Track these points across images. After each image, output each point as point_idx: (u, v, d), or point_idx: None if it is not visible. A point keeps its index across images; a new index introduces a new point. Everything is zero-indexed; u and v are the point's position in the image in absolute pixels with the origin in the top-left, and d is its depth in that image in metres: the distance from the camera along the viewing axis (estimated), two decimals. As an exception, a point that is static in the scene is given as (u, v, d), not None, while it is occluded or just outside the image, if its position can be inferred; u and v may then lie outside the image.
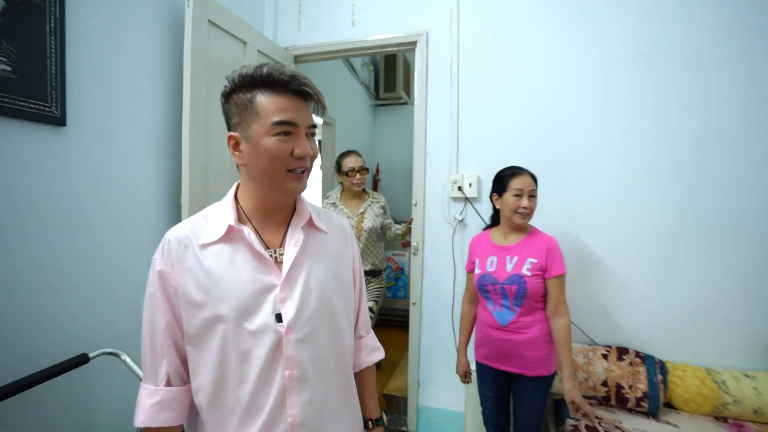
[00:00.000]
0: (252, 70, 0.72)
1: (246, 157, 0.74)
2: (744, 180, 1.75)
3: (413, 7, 2.13)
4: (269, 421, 0.73)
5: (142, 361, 0.76)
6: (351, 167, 2.25)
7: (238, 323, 0.72)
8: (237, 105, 0.74)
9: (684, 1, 1.79)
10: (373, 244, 2.34)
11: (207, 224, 0.78)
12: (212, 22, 1.70)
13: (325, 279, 0.81)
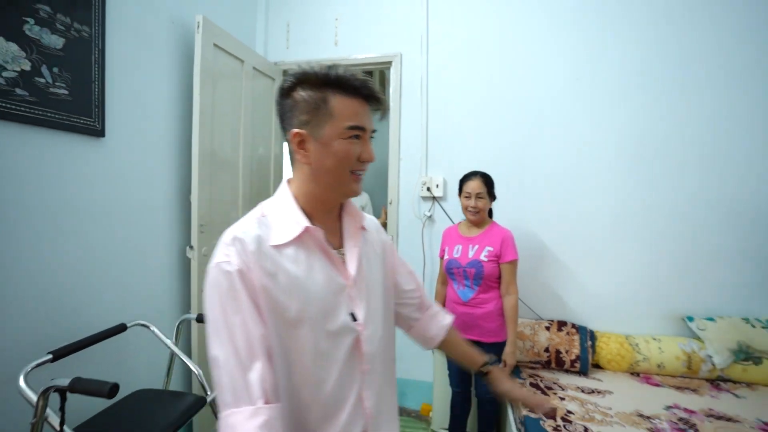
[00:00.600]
0: (326, 70, 0.72)
1: (312, 156, 0.74)
2: (665, 183, 2.19)
3: (388, 31, 2.46)
4: (351, 417, 0.74)
5: (229, 384, 0.63)
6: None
7: (321, 324, 0.72)
8: (306, 103, 0.72)
9: (623, 31, 2.20)
10: None
11: (270, 225, 0.74)
12: (217, 45, 1.97)
13: (378, 275, 0.84)
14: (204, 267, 1.87)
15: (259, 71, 2.35)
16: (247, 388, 0.63)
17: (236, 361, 0.64)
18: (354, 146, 0.73)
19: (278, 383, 0.68)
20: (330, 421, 0.73)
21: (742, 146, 2.11)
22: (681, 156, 2.17)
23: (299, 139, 0.73)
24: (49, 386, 1.02)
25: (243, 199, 2.26)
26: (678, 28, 2.14)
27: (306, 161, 0.74)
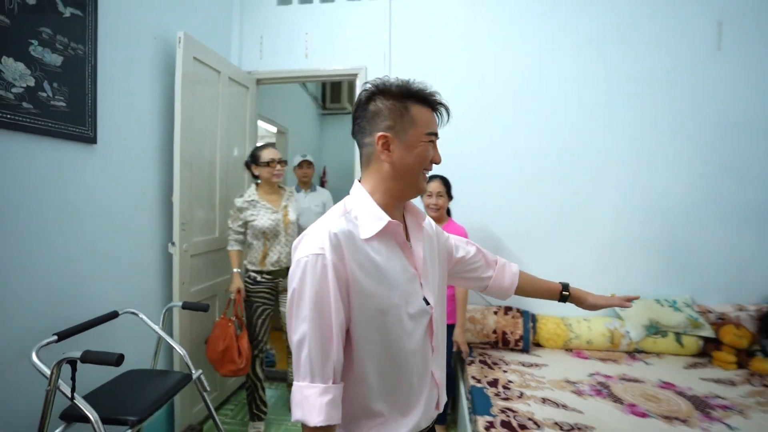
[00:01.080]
0: (408, 84, 0.83)
1: (395, 156, 0.82)
2: (598, 184, 2.55)
3: (354, 47, 2.70)
4: (430, 389, 0.86)
5: (308, 360, 0.73)
6: (272, 158, 2.17)
7: (403, 309, 0.79)
8: (390, 110, 0.82)
9: (562, 50, 2.54)
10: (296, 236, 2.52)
11: (355, 220, 0.80)
12: (196, 58, 2.15)
13: (436, 265, 0.94)
14: (185, 262, 2.06)
15: (234, 80, 2.53)
16: (323, 368, 0.73)
17: (319, 342, 0.73)
18: (429, 149, 0.85)
19: (362, 366, 0.78)
20: (419, 395, 0.83)
21: (657, 153, 2.50)
22: (609, 161, 2.54)
23: (384, 141, 0.82)
24: (63, 358, 1.20)
25: (219, 199, 2.44)
26: (605, 50, 2.51)
27: (389, 161, 0.83)
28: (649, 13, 2.50)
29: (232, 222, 2.19)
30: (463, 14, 2.62)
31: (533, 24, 2.57)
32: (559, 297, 1.18)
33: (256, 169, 2.21)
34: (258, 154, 2.21)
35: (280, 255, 2.21)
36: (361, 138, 0.87)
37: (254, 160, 2.21)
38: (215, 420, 1.73)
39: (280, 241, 2.22)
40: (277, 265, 2.21)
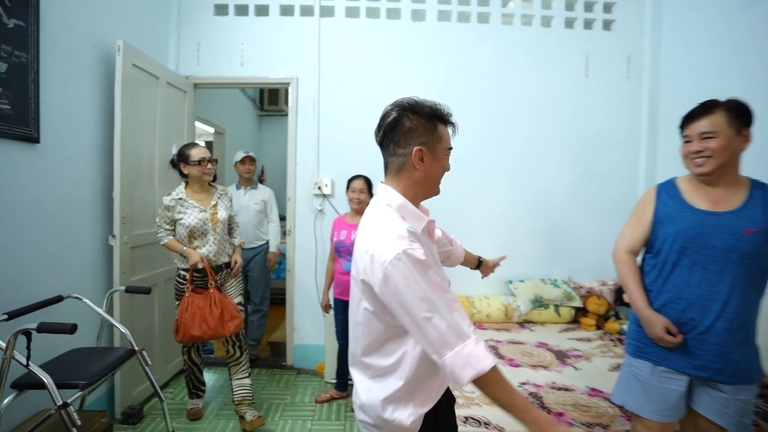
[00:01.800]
0: (436, 106, 0.99)
1: (427, 166, 0.97)
2: (501, 182, 3.04)
3: (287, 58, 2.99)
4: None
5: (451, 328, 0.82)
6: (202, 157, 2.18)
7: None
8: (424, 128, 0.96)
9: (472, 67, 3.01)
10: (226, 236, 2.35)
11: (406, 220, 0.96)
12: (135, 65, 2.33)
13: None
14: (125, 253, 2.25)
15: (172, 85, 2.72)
16: (463, 328, 0.84)
17: (449, 312, 0.84)
18: (448, 160, 1.03)
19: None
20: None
21: (541, 160, 3.05)
22: (504, 166, 3.06)
23: (420, 154, 0.96)
24: (19, 329, 1.38)
25: (158, 195, 2.62)
26: (502, 74, 3.02)
27: (422, 170, 0.98)
28: (535, 46, 3.04)
29: (160, 219, 2.20)
30: (383, 36, 3.00)
31: (444, 48, 3.02)
32: (476, 264, 1.62)
33: (185, 167, 2.20)
34: (187, 152, 2.18)
35: (208, 253, 2.22)
36: (395, 148, 1.00)
37: (183, 159, 2.18)
38: (156, 389, 1.95)
39: (208, 240, 2.22)
40: (208, 262, 2.22)
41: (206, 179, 2.24)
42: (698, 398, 1.43)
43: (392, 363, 0.97)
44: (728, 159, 1.32)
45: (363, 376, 1.06)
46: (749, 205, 1.32)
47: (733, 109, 1.31)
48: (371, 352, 1.00)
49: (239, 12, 3.00)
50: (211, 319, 2.11)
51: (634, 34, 3.07)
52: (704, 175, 1.38)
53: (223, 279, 2.33)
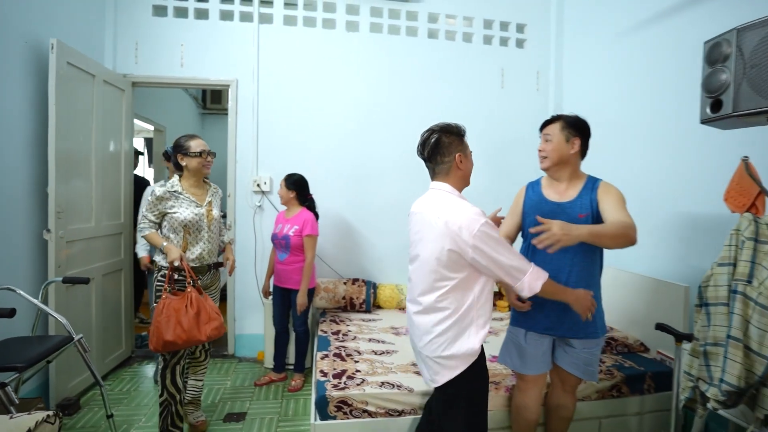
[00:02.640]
0: (458, 126, 1.50)
1: (464, 166, 1.48)
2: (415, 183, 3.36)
3: (227, 61, 3.13)
4: None
5: (517, 265, 1.37)
6: (203, 149, 2.08)
7: None
8: (457, 140, 1.47)
9: (397, 78, 3.30)
10: (218, 235, 2.25)
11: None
12: (70, 63, 2.39)
13: None
14: (61, 247, 2.32)
15: (109, 83, 2.78)
16: (527, 263, 1.38)
17: (517, 256, 1.39)
18: (472, 160, 1.55)
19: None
20: None
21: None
22: (428, 166, 3.38)
23: (461, 159, 1.47)
24: (-44, 315, 1.48)
25: (96, 191, 2.68)
26: (425, 84, 3.35)
27: (463, 169, 1.49)
28: (457, 59, 3.40)
29: (149, 211, 2.02)
30: (319, 45, 3.23)
31: (376, 58, 3.30)
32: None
33: (183, 159, 2.07)
34: (187, 144, 2.07)
35: (202, 251, 2.09)
36: (441, 158, 1.48)
37: (181, 150, 2.07)
38: (94, 374, 2.05)
39: (203, 237, 2.10)
40: (198, 261, 2.08)
41: (206, 172, 2.17)
42: (558, 354, 1.81)
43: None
44: (559, 160, 1.70)
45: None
46: (582, 196, 1.71)
47: (567, 121, 1.71)
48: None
49: (178, 14, 3.10)
50: (186, 321, 1.90)
51: (542, 52, 3.52)
52: (545, 171, 1.76)
53: (210, 280, 2.20)
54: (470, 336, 1.42)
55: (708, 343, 1.64)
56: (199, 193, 2.14)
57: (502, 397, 2.05)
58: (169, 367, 2.02)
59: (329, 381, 2.04)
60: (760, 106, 1.34)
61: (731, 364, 1.52)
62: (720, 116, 1.45)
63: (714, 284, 1.66)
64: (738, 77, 1.38)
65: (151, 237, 2.03)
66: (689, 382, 1.73)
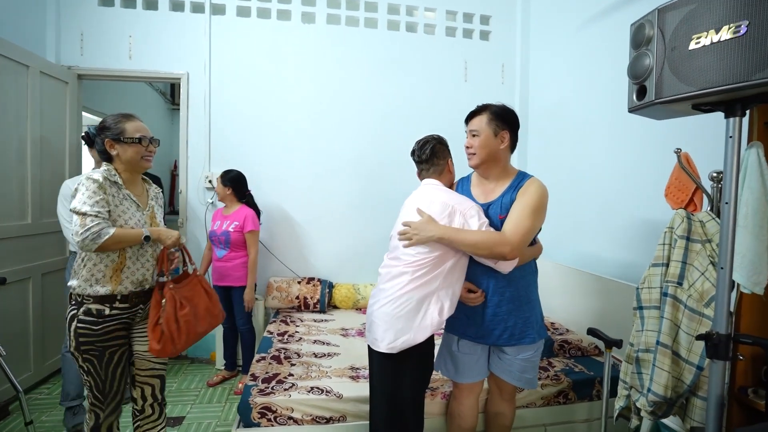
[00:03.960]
0: (444, 139, 1.70)
1: (451, 169, 1.67)
2: (374, 184, 3.25)
3: (177, 53, 3.03)
4: None
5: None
6: (143, 134, 1.53)
7: None
8: (446, 148, 1.66)
9: (352, 70, 3.19)
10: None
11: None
12: (-4, 52, 2.29)
13: None
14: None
15: (48, 75, 2.68)
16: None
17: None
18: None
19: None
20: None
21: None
22: (386, 164, 3.28)
23: (451, 163, 1.67)
24: None
25: (31, 188, 2.58)
26: (386, 76, 3.24)
27: (451, 171, 1.68)
28: (418, 51, 3.29)
29: (94, 203, 1.39)
30: (274, 36, 3.13)
31: (334, 50, 3.19)
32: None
33: (114, 146, 1.49)
34: (120, 126, 1.50)
35: (146, 272, 1.56)
36: (437, 161, 1.63)
37: (112, 134, 1.49)
38: (10, 378, 1.95)
39: (145, 252, 1.55)
40: (138, 286, 1.53)
41: (146, 166, 1.57)
42: (492, 361, 1.70)
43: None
44: (487, 157, 1.55)
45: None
46: (504, 194, 1.56)
47: (495, 113, 1.56)
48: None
49: (126, 4, 2.99)
50: (209, 308, 1.67)
51: (508, 44, 3.40)
52: (474, 168, 1.64)
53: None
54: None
55: (640, 350, 1.54)
56: (138, 193, 1.59)
57: (439, 403, 1.95)
58: (103, 425, 1.52)
59: (256, 386, 1.94)
60: (680, 92, 1.22)
61: (658, 372, 1.42)
62: (644, 104, 1.33)
63: (648, 286, 1.56)
64: (659, 61, 1.27)
65: (121, 236, 1.42)
66: (624, 390, 1.63)
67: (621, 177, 2.40)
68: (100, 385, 1.46)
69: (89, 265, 1.45)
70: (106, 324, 1.45)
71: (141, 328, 1.59)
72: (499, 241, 1.42)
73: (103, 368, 1.46)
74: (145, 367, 1.60)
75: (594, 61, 2.64)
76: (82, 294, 1.44)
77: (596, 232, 2.62)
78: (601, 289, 2.42)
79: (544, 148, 3.21)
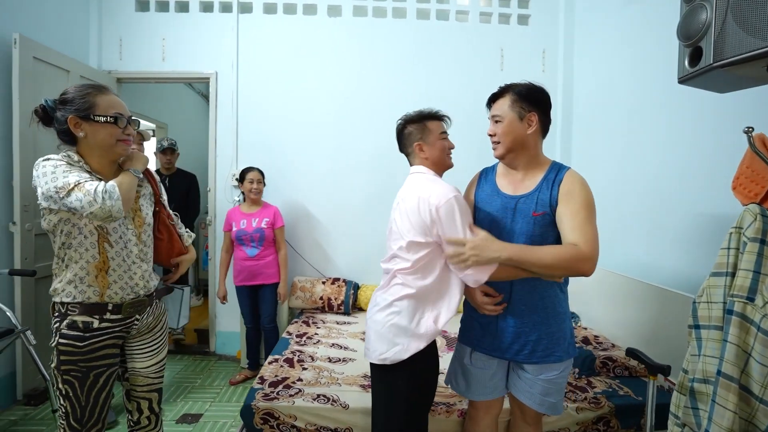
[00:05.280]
0: (421, 111, 1.43)
1: (427, 153, 1.40)
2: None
3: (207, 53, 3.07)
4: None
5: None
6: (119, 112, 1.23)
7: None
8: (416, 129, 1.40)
9: (374, 71, 3.06)
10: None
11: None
12: (37, 57, 2.42)
13: None
14: (28, 240, 2.33)
15: (88, 79, 2.81)
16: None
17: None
18: (445, 142, 1.42)
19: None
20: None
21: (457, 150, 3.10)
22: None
23: (419, 147, 1.40)
24: None
25: (70, 185, 2.71)
26: (414, 69, 3.07)
27: (428, 156, 1.40)
28: (449, 40, 3.09)
29: (65, 171, 1.14)
30: (301, 32, 3.07)
31: (360, 42, 3.08)
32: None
33: (81, 126, 1.20)
34: (91, 100, 1.20)
35: (134, 275, 1.31)
36: (405, 148, 1.46)
37: (79, 111, 1.19)
38: (39, 368, 2.04)
39: (130, 253, 1.30)
40: (132, 292, 1.30)
41: (121, 152, 1.27)
42: (510, 379, 1.48)
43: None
44: (512, 144, 1.34)
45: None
46: (540, 188, 1.34)
47: (519, 93, 1.33)
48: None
49: (160, 8, 3.08)
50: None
51: (550, 28, 3.10)
52: (499, 159, 1.42)
53: (154, 318, 1.41)
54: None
55: (696, 379, 1.25)
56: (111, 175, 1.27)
57: (455, 422, 1.75)
58: None
59: (262, 389, 1.86)
60: (750, 49, 0.95)
61: (720, 412, 1.13)
62: (700, 69, 1.07)
63: (707, 300, 1.26)
64: (721, 12, 1.00)
65: (120, 182, 1.19)
66: (676, 427, 1.33)
67: (677, 167, 2.05)
68: (78, 413, 1.21)
69: (71, 264, 1.21)
70: (94, 340, 1.21)
71: (140, 342, 1.38)
72: (578, 257, 1.20)
73: (84, 393, 1.21)
74: (143, 383, 1.42)
75: (645, 33, 2.30)
76: (65, 302, 1.21)
77: (648, 233, 2.27)
78: (653, 300, 2.08)
79: (589, 139, 2.87)
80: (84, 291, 1.22)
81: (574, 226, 1.24)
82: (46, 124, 1.25)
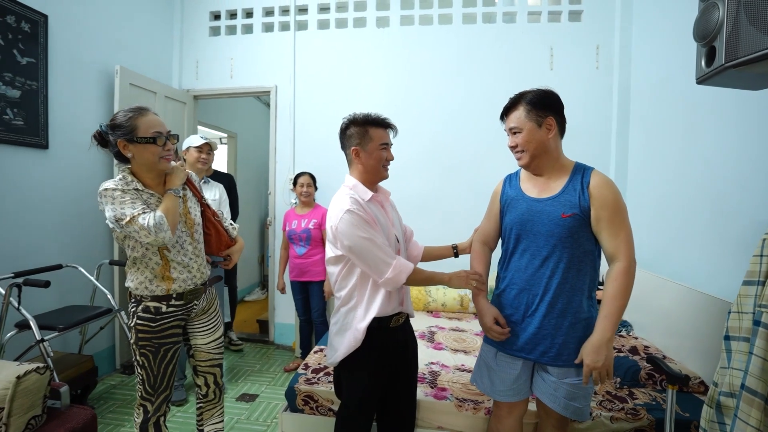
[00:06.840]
0: (368, 115, 1.42)
1: (363, 161, 1.40)
2: (449, 176, 3.16)
3: (268, 69, 3.39)
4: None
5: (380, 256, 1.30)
6: (158, 131, 1.40)
7: (389, 242, 1.40)
8: (357, 133, 1.39)
9: (426, 74, 3.17)
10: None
11: (355, 194, 1.39)
12: (132, 84, 2.89)
13: (397, 221, 1.59)
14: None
15: (171, 98, 3.26)
16: (391, 255, 1.33)
17: (382, 249, 1.32)
18: (383, 152, 1.43)
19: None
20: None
21: (500, 154, 3.09)
22: (461, 161, 3.15)
23: (356, 152, 1.41)
24: (12, 283, 1.93)
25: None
26: (462, 71, 3.12)
27: (360, 163, 1.42)
28: (496, 43, 3.09)
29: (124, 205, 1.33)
30: (351, 44, 3.27)
31: (408, 50, 3.20)
32: (453, 254, 1.77)
33: (128, 148, 1.37)
34: (132, 123, 1.36)
35: (192, 266, 1.53)
36: (345, 150, 1.47)
37: (124, 134, 1.36)
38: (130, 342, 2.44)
39: (187, 251, 1.52)
40: (191, 282, 1.52)
41: (165, 167, 1.45)
42: (535, 381, 1.50)
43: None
44: (536, 151, 1.37)
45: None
46: (567, 190, 1.36)
47: (531, 101, 1.37)
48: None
49: (229, 32, 3.47)
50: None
51: (604, 22, 2.96)
52: (525, 168, 1.46)
53: (207, 302, 1.65)
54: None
55: (722, 392, 1.20)
56: (162, 192, 1.47)
57: (481, 419, 1.80)
58: (150, 421, 1.51)
59: (305, 374, 2.06)
60: (766, 47, 0.92)
61: (741, 427, 1.08)
62: (714, 70, 1.04)
63: (738, 310, 1.20)
64: (732, 11, 0.97)
65: (165, 208, 1.38)
66: (704, 440, 1.28)
67: (742, 168, 1.89)
68: (152, 380, 1.48)
69: (141, 268, 1.45)
70: (163, 321, 1.47)
71: (198, 322, 1.64)
72: (629, 273, 1.30)
73: (156, 364, 1.47)
74: (205, 359, 1.68)
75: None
76: (140, 294, 1.46)
77: (710, 239, 2.10)
78: (713, 311, 1.93)
79: (647, 139, 2.70)
80: (153, 290, 1.46)
81: (612, 234, 1.30)
82: (104, 146, 1.43)
